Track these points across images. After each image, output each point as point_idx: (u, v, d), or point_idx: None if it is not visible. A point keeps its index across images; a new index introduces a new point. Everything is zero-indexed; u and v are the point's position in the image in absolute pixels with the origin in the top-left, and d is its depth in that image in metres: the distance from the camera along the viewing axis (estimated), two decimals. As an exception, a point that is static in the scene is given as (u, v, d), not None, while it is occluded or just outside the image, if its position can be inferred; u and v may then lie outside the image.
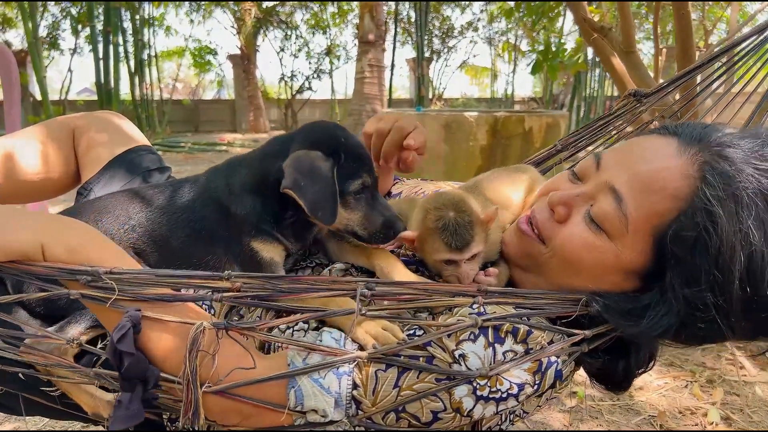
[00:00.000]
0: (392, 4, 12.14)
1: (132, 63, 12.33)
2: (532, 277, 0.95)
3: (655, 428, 1.93)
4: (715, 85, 1.35)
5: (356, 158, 0.89)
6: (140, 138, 1.49)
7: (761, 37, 1.31)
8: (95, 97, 10.70)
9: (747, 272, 0.74)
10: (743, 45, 1.33)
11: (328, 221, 0.85)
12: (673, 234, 0.78)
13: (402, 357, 0.75)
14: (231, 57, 16.49)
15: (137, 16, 12.53)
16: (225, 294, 0.72)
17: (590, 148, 1.34)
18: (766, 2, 2.98)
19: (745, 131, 0.86)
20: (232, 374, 0.72)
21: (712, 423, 1.93)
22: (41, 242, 0.73)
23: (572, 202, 0.89)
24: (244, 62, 15.33)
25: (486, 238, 0.91)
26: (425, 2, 11.78)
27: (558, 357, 0.79)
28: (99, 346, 0.89)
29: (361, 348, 0.76)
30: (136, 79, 12.51)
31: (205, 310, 0.95)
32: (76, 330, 0.89)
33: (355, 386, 0.75)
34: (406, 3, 14.31)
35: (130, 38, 12.37)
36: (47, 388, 0.90)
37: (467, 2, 14.87)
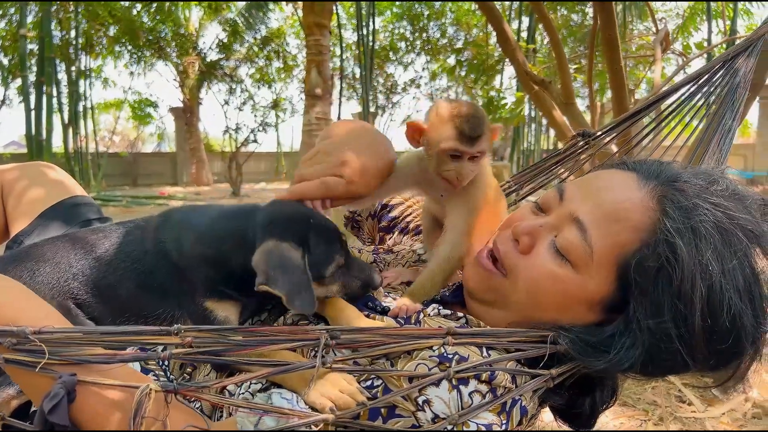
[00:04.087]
0: (337, 60, 12.50)
1: (66, 114, 11.89)
2: (495, 311, 0.92)
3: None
4: (645, 141, 1.42)
5: (326, 241, 0.88)
6: (77, 188, 1.39)
7: (689, 92, 1.42)
8: (24, 150, 10.16)
9: (708, 303, 0.75)
10: (671, 99, 1.42)
11: (308, 310, 0.82)
12: (637, 264, 0.79)
13: (361, 414, 0.69)
14: (173, 109, 16.29)
15: (73, 68, 12.22)
16: (175, 351, 0.64)
17: (542, 190, 1.37)
18: (684, 64, 3.29)
19: (697, 169, 0.90)
20: None
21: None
22: None
23: (537, 232, 0.88)
24: (187, 115, 15.18)
25: (488, 146, 0.91)
26: (370, 60, 12.20)
27: (521, 394, 0.77)
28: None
29: (314, 409, 0.69)
30: (70, 131, 12.04)
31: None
32: (8, 392, 0.80)
33: None
34: (351, 60, 14.79)
35: (65, 89, 12.00)
36: None
37: (409, 60, 15.53)
